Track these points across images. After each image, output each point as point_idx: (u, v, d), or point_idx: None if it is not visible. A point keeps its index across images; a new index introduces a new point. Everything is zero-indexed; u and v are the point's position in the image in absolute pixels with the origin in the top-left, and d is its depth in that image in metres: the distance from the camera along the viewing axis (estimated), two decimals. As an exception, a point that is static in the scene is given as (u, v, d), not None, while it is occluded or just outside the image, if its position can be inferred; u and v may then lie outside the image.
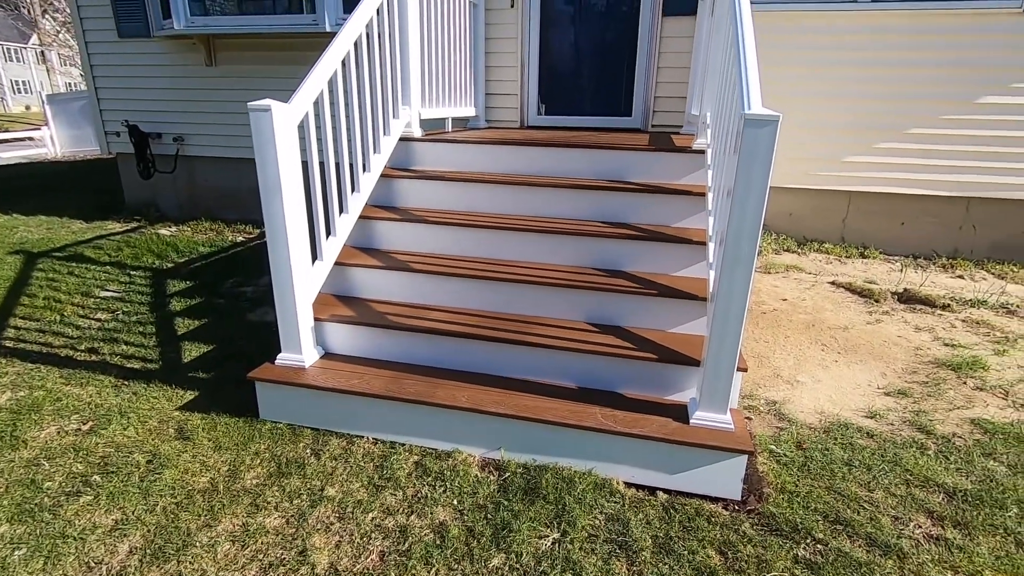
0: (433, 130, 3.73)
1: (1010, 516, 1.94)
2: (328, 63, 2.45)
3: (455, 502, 2.02)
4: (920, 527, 1.90)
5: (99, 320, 3.51)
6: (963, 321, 3.42)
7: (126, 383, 2.78)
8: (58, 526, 1.90)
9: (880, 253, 4.60)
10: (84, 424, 2.46)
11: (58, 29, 31.81)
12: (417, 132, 3.38)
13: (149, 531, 1.88)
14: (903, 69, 4.17)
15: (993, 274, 4.24)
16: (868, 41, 4.17)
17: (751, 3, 2.35)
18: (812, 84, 4.32)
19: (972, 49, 4.04)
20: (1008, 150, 4.18)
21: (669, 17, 4.36)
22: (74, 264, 4.52)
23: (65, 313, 3.59)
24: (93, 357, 3.05)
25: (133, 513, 1.95)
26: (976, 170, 4.27)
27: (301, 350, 2.50)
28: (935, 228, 4.52)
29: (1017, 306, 3.60)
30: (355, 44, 2.64)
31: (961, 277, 4.18)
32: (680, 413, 2.19)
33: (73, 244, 5.08)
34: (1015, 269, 4.29)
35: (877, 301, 3.67)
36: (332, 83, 2.52)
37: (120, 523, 1.91)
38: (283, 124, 2.21)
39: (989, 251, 4.46)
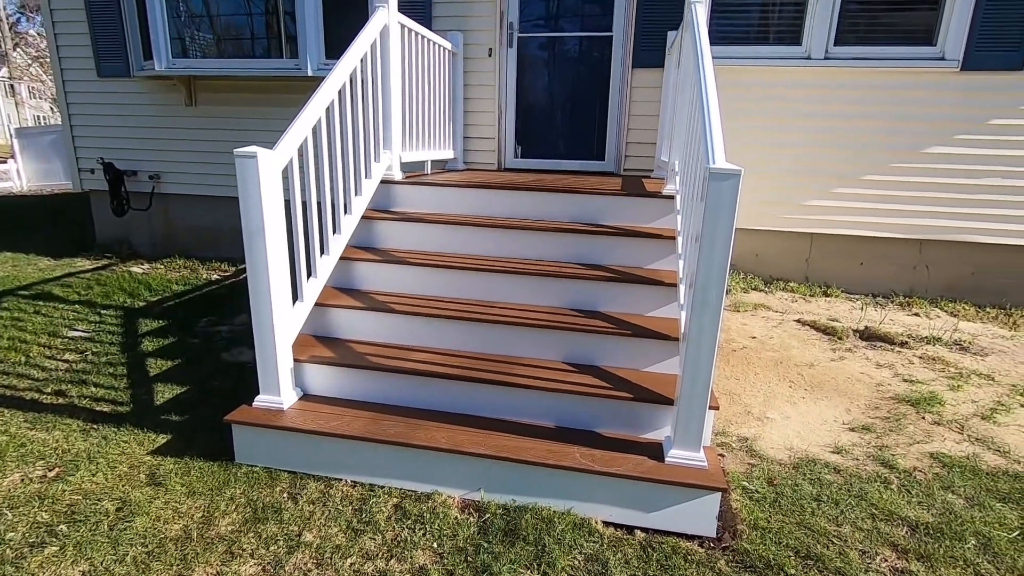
0: (413, 172, 3.82)
1: (969, 547, 2.03)
2: (313, 111, 2.53)
3: (435, 545, 2.01)
4: (886, 561, 1.97)
5: (67, 361, 3.43)
6: (920, 357, 3.59)
7: (95, 427, 2.71)
8: (21, 579, 1.83)
9: (842, 292, 4.81)
10: (50, 471, 2.39)
11: (29, 63, 31.52)
12: (398, 175, 3.47)
13: (119, 582, 1.83)
14: (855, 121, 4.46)
15: (947, 312, 4.47)
16: (822, 95, 4.46)
17: (713, 58, 2.54)
18: (773, 134, 4.59)
19: (917, 104, 4.36)
20: (954, 196, 4.47)
21: (638, 68, 4.61)
22: (41, 303, 4.41)
23: (31, 354, 3.50)
24: (60, 400, 2.97)
25: (101, 564, 1.90)
26: (926, 214, 4.54)
27: (280, 392, 2.49)
28: (892, 268, 4.76)
29: (969, 343, 3.80)
30: (339, 92, 2.74)
31: (917, 315, 4.39)
32: (656, 451, 2.24)
33: (40, 282, 4.96)
34: (966, 307, 4.53)
35: (840, 339, 3.83)
36: (316, 130, 2.60)
37: (87, 575, 1.85)
38: (268, 170, 2.27)
39: (942, 290, 4.71)
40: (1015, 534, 2.10)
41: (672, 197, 3.13)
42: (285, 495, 2.26)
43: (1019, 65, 4.14)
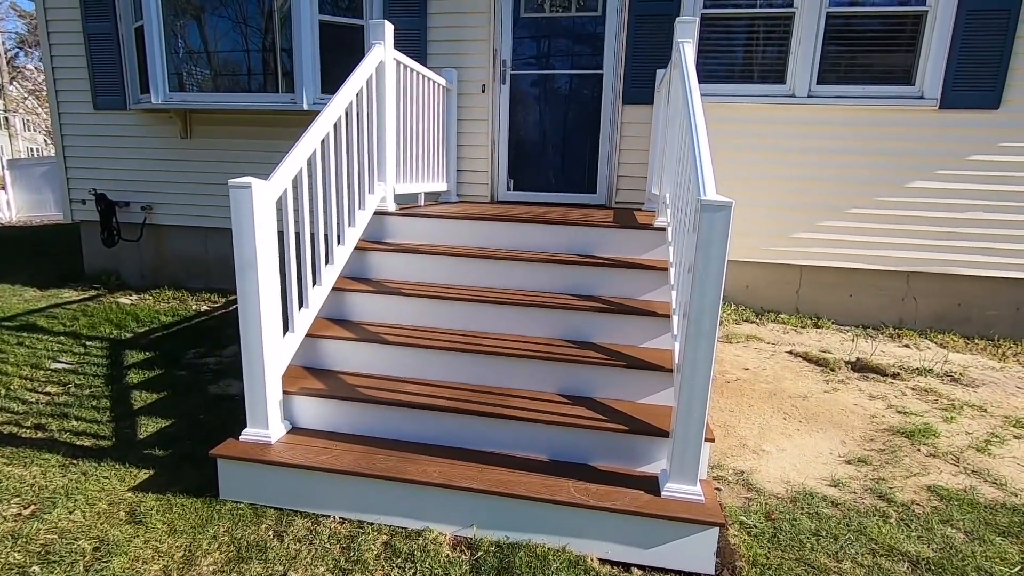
0: (406, 204, 3.85)
1: (972, 584, 1.99)
2: (308, 143, 2.55)
3: (426, 585, 1.94)
4: (889, 598, 1.93)
5: (48, 394, 3.35)
6: (912, 389, 3.59)
7: (75, 462, 2.62)
8: (-11, 625, 1.74)
9: (832, 323, 4.83)
10: (25, 508, 2.30)
11: (25, 96, 31.77)
12: (391, 206, 3.49)
13: (92, 628, 1.74)
14: (840, 156, 4.58)
15: (936, 343, 4.50)
16: (807, 131, 4.59)
17: (702, 95, 2.60)
18: (762, 167, 4.69)
19: (899, 140, 4.49)
20: (937, 229, 4.56)
21: (628, 105, 4.73)
22: (25, 334, 4.33)
23: (12, 387, 3.41)
24: (40, 434, 2.88)
25: (75, 608, 1.81)
26: (911, 247, 4.62)
27: (268, 425, 2.43)
28: (881, 300, 4.81)
29: (960, 374, 3.81)
30: (334, 126, 2.77)
31: (908, 346, 4.41)
32: (651, 485, 2.20)
33: (25, 313, 4.88)
34: (955, 339, 4.57)
35: (832, 370, 3.84)
36: (311, 161, 2.62)
37: (60, 619, 1.77)
38: (262, 201, 2.27)
39: (931, 321, 4.75)
40: (1016, 569, 2.06)
41: (664, 229, 3.17)
42: (271, 533, 2.19)
43: (995, 104, 4.29)
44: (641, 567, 2.06)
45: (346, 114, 2.88)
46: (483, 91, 4.87)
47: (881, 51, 4.51)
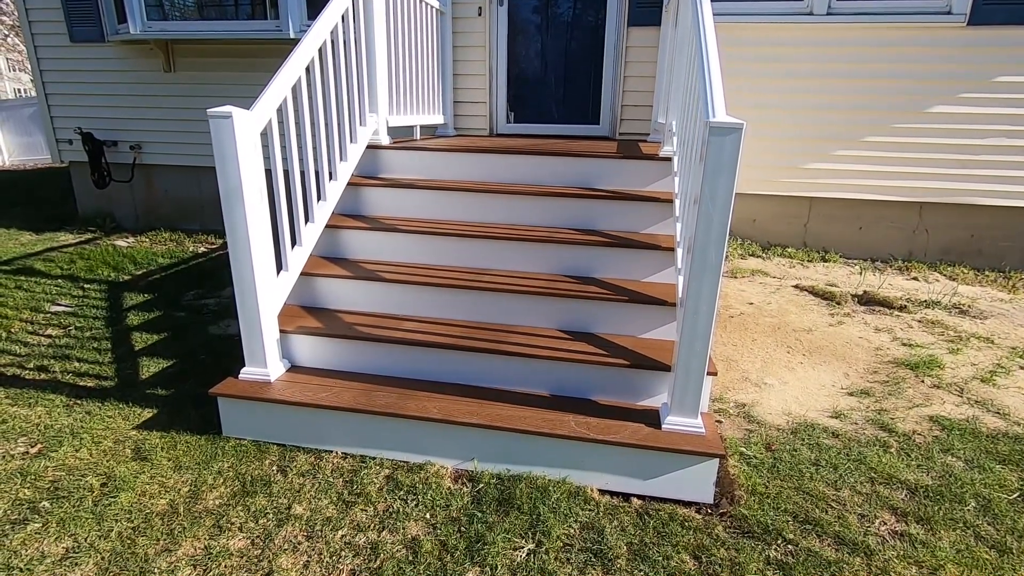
0: (401, 138, 3.69)
1: (968, 510, 2.01)
2: (292, 69, 2.40)
3: (427, 516, 1.97)
4: (885, 524, 1.95)
5: (50, 336, 3.35)
6: (919, 321, 3.55)
7: (79, 402, 2.64)
8: (2, 557, 1.78)
9: (840, 257, 4.74)
10: (32, 447, 2.33)
11: (6, 33, 30.44)
12: (385, 140, 3.34)
13: (103, 558, 1.78)
14: (857, 80, 4.32)
15: (945, 276, 4.41)
16: (823, 53, 4.31)
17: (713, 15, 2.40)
18: (772, 94, 4.45)
19: (921, 61, 4.22)
20: (956, 157, 4.37)
21: (634, 27, 4.44)
22: (23, 277, 4.30)
23: (12, 329, 3.41)
24: (43, 375, 2.90)
25: (86, 540, 1.85)
26: (927, 176, 4.45)
27: (266, 363, 2.42)
28: (891, 232, 4.69)
29: (968, 306, 3.75)
30: (320, 51, 2.60)
31: (916, 279, 4.34)
32: (652, 418, 2.19)
33: (21, 257, 4.84)
34: (965, 271, 4.48)
35: (839, 303, 3.78)
36: (296, 90, 2.47)
37: (72, 551, 1.81)
38: (245, 131, 2.15)
39: (941, 254, 4.65)
40: (1015, 495, 2.08)
41: (669, 159, 3.03)
42: (274, 468, 2.22)
43: (1028, 19, 4.00)
44: (641, 497, 2.08)
45: (332, 40, 2.70)
46: (479, 14, 4.56)
47: (909, -39, 4.17)
